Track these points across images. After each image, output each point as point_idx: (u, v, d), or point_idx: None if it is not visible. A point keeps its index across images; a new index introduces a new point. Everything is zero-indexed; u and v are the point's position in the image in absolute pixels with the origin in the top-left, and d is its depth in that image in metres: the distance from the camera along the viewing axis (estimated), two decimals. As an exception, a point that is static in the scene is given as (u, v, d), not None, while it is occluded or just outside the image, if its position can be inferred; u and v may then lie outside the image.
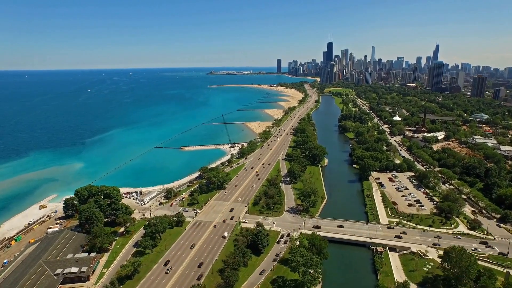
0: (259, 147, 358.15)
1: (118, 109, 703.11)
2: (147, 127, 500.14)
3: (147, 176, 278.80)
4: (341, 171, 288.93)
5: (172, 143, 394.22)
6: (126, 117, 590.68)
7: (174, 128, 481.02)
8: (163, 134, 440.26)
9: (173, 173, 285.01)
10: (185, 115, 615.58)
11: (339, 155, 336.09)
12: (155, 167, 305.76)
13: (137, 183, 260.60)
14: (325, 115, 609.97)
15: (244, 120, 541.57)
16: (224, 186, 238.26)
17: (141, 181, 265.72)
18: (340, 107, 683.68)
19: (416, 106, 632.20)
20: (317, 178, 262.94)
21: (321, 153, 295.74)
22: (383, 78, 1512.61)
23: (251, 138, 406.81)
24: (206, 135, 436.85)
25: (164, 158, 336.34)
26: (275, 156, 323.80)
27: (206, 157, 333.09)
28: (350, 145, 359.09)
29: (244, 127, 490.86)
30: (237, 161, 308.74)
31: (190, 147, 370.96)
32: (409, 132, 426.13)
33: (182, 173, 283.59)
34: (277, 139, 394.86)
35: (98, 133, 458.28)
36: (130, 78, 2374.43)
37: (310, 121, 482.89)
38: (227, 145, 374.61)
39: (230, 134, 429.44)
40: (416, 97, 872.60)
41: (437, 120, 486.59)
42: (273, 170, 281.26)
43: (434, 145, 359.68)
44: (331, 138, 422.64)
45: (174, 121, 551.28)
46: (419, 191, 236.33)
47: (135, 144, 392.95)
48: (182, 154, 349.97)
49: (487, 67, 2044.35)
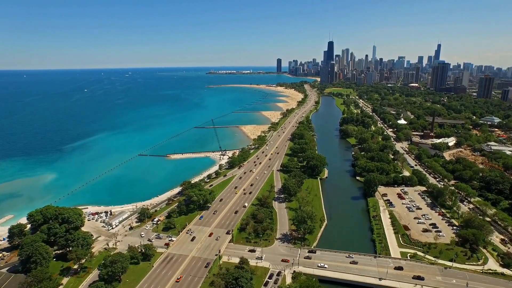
0: (252, 155, 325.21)
1: (108, 111, 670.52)
2: (135, 131, 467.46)
3: (124, 191, 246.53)
4: (343, 185, 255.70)
5: (158, 150, 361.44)
6: (115, 120, 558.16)
7: (163, 133, 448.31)
8: (150, 139, 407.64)
9: (153, 187, 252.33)
10: (177, 117, 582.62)
11: (341, 165, 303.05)
12: (135, 179, 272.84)
13: (110, 200, 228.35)
14: (325, 118, 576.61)
15: (239, 123, 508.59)
16: (207, 205, 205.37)
17: (115, 198, 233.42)
18: (341, 108, 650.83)
19: (421, 108, 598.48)
20: (315, 194, 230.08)
21: (320, 164, 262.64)
22: (385, 78, 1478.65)
23: (244, 144, 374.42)
24: (197, 141, 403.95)
25: (146, 168, 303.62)
26: (269, 166, 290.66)
27: (193, 167, 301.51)
28: (352, 153, 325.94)
29: (238, 131, 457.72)
30: (226, 172, 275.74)
31: (177, 155, 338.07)
32: (416, 137, 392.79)
33: (163, 187, 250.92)
34: (273, 145, 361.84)
35: (81, 138, 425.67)
36: (127, 78, 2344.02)
37: (309, 125, 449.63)
38: (218, 152, 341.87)
39: (222, 139, 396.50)
40: (420, 98, 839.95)
41: (445, 124, 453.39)
42: (266, 184, 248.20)
43: (445, 152, 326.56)
44: (331, 144, 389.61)
45: (165, 124, 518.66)
46: (433, 211, 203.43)
47: (119, 151, 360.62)
48: (167, 164, 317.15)
49: (489, 66, 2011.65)
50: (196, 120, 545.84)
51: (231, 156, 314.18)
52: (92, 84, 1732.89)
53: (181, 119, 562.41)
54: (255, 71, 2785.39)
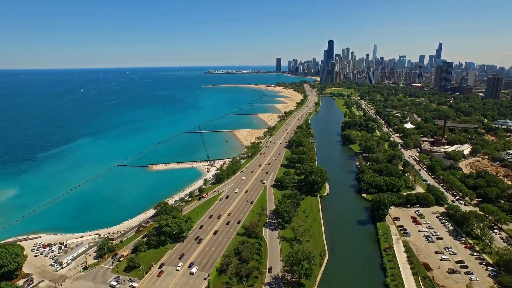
0: (244, 165, 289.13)
1: (96, 113, 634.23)
2: (120, 136, 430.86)
3: (90, 213, 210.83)
4: (346, 204, 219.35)
5: (141, 159, 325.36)
6: (101, 124, 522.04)
7: (150, 138, 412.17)
8: (135, 146, 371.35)
9: (126, 207, 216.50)
10: (168, 121, 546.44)
11: (344, 178, 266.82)
12: (106, 197, 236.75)
13: (71, 226, 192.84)
14: (326, 121, 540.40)
15: (233, 127, 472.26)
16: (182, 235, 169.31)
17: (78, 222, 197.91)
18: (342, 110, 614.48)
19: (428, 110, 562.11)
20: (314, 217, 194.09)
21: (320, 179, 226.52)
22: (387, 78, 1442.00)
23: (236, 152, 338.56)
24: (185, 148, 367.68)
25: (122, 182, 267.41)
26: (261, 180, 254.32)
27: (175, 180, 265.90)
28: (356, 164, 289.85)
29: (231, 137, 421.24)
30: (211, 188, 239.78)
31: (160, 166, 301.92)
32: (426, 144, 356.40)
33: (137, 207, 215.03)
34: (268, 154, 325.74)
35: (60, 144, 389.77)
36: (124, 78, 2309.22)
37: (308, 129, 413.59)
38: (205, 162, 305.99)
39: (212, 147, 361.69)
40: (424, 98, 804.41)
41: (456, 128, 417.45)
42: (257, 204, 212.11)
43: (460, 162, 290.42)
44: (332, 152, 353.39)
45: (154, 128, 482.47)
46: (458, 242, 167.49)
47: (97, 160, 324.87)
48: (147, 176, 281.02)
49: (491, 66, 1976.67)
50: (188, 123, 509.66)
51: (219, 168, 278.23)
52: (88, 84, 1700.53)
53: (172, 122, 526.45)
54: (255, 71, 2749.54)
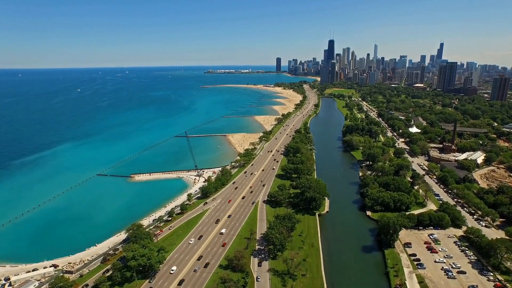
0: (235, 177, 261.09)
1: (85, 115, 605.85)
2: (106, 141, 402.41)
3: (54, 236, 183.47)
4: (349, 226, 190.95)
5: (123, 167, 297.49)
6: (88, 126, 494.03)
7: (137, 143, 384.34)
8: (119, 152, 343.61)
9: (96, 228, 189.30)
10: (160, 123, 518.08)
11: (345, 191, 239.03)
12: (77, 214, 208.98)
13: (28, 252, 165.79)
14: (326, 124, 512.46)
15: (227, 130, 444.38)
16: (153, 269, 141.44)
17: (37, 248, 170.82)
18: (343, 113, 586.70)
19: (433, 112, 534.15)
20: (312, 243, 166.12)
21: (319, 196, 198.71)
22: (388, 78, 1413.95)
23: (228, 159, 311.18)
24: (174, 154, 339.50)
25: (99, 195, 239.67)
26: (253, 195, 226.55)
27: (158, 193, 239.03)
28: (359, 174, 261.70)
29: (224, 141, 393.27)
30: (196, 204, 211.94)
31: (143, 176, 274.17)
32: (434, 150, 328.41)
33: (108, 228, 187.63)
34: (262, 162, 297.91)
35: (39, 150, 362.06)
36: (122, 78, 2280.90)
37: (307, 133, 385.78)
38: (193, 172, 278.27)
39: (203, 153, 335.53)
40: (428, 99, 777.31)
41: (465, 133, 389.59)
42: (245, 226, 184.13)
43: (474, 172, 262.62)
44: (333, 159, 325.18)
45: (143, 132, 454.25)
46: (485, 278, 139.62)
47: (75, 169, 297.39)
48: (127, 188, 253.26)
49: (493, 66, 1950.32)
50: (180, 126, 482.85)
51: (207, 179, 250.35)
52: (84, 83, 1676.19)
53: (163, 126, 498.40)
54: (254, 70, 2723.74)
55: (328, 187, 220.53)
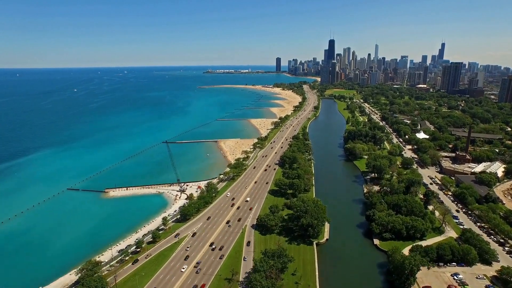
0: (222, 193, 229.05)
1: (73, 118, 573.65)
2: (87, 148, 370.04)
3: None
4: (353, 259, 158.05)
5: (98, 180, 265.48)
6: (72, 131, 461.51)
7: (120, 150, 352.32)
8: (99, 161, 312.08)
9: (49, 261, 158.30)
10: (150, 127, 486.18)
11: (348, 211, 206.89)
12: (30, 241, 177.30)
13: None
14: (326, 128, 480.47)
15: (219, 136, 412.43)
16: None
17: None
18: (344, 115, 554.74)
19: (440, 115, 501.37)
20: (308, 285, 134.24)
21: (318, 222, 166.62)
22: (390, 79, 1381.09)
23: (217, 170, 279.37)
24: (158, 164, 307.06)
25: (64, 215, 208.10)
26: (240, 218, 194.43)
27: (132, 213, 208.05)
28: (364, 191, 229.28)
29: (215, 148, 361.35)
30: (172, 230, 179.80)
31: (119, 191, 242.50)
32: (446, 160, 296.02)
33: (63, 262, 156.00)
34: (254, 174, 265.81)
35: (11, 158, 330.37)
36: (120, 78, 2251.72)
37: (305, 140, 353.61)
38: (175, 186, 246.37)
39: (188, 163, 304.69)
40: (432, 101, 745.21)
41: (478, 139, 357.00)
42: (228, 262, 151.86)
43: (495, 188, 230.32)
44: (334, 171, 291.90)
45: (129, 137, 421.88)
46: None
47: (46, 181, 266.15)
48: (98, 206, 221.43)
49: (495, 66, 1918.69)
50: (170, 131, 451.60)
51: (189, 196, 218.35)
52: (81, 83, 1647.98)
53: (153, 129, 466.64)
54: (254, 71, 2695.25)
55: (329, 207, 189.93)
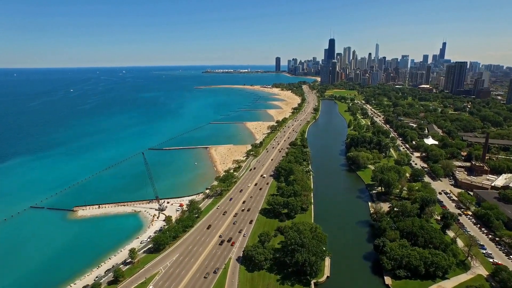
0: (206, 213, 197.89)
1: (57, 121, 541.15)
2: (64, 155, 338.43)
3: None
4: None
5: (69, 196, 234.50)
6: (53, 136, 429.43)
7: (100, 159, 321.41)
8: (73, 173, 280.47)
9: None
10: (137, 132, 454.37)
11: (353, 237, 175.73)
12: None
13: None
14: (326, 133, 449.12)
15: (211, 141, 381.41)
16: None
17: None
18: (345, 118, 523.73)
19: (448, 118, 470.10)
20: None
21: (316, 258, 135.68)
22: (391, 78, 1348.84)
23: (205, 182, 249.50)
24: (139, 175, 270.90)
25: (20, 242, 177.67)
26: (223, 248, 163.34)
27: (101, 239, 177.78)
28: (371, 211, 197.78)
29: (205, 157, 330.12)
30: (139, 266, 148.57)
31: (89, 209, 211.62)
32: (460, 171, 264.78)
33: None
34: (245, 189, 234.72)
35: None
36: (117, 78, 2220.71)
37: (303, 147, 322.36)
38: (154, 203, 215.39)
39: (174, 174, 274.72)
40: (437, 102, 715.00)
41: (492, 146, 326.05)
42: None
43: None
44: (335, 184, 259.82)
45: (114, 143, 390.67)
46: None
47: (9, 196, 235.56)
48: (62, 229, 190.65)
49: (497, 65, 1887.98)
50: (159, 135, 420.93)
51: (166, 219, 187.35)
52: (77, 83, 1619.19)
53: (140, 134, 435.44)
54: (253, 70, 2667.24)
55: (330, 233, 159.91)
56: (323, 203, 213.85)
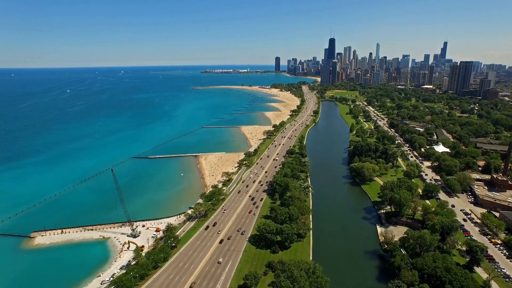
0: (184, 243, 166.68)
1: (40, 125, 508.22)
2: (35, 167, 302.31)
3: None
4: None
5: (28, 218, 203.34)
6: (30, 142, 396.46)
7: (76, 170, 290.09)
8: (40, 188, 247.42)
9: None
10: (123, 137, 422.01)
11: (361, 274, 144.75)
12: None
13: None
14: (327, 138, 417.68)
15: (201, 149, 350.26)
16: None
17: None
18: (347, 121, 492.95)
19: (456, 122, 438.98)
20: None
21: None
22: (393, 79, 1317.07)
23: (189, 201, 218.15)
24: (113, 192, 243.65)
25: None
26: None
27: (55, 276, 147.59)
28: (381, 241, 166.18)
29: (193, 167, 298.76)
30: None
31: (49, 234, 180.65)
32: (479, 186, 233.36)
33: None
34: (233, 210, 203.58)
35: None
36: (114, 78, 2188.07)
37: (302, 156, 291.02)
38: (126, 226, 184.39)
39: (155, 189, 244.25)
40: (442, 104, 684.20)
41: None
42: None
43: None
44: (337, 201, 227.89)
45: (97, 150, 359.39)
46: None
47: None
48: (11, 262, 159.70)
49: (499, 65, 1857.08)
50: (147, 141, 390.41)
51: (136, 250, 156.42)
52: (72, 84, 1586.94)
53: (127, 140, 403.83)
54: (253, 70, 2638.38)
55: (332, 271, 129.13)
56: (323, 228, 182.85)
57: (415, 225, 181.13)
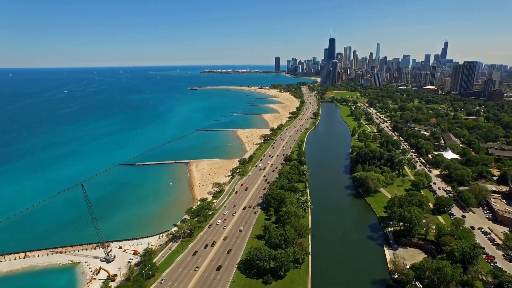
0: (165, 269, 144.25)
1: (27, 128, 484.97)
2: (13, 175, 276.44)
3: None
4: None
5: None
6: (10, 148, 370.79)
7: (56, 179, 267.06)
8: (12, 201, 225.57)
9: None
10: (112, 141, 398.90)
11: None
12: None
13: None
14: (328, 142, 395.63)
15: (193, 155, 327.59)
16: None
17: None
18: (349, 124, 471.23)
19: (463, 125, 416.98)
20: None
21: None
22: (395, 79, 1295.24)
23: (174, 215, 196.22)
24: (97, 201, 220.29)
25: None
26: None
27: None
28: (390, 269, 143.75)
29: (182, 176, 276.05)
30: None
31: (10, 259, 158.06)
32: (496, 199, 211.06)
33: None
34: (223, 228, 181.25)
35: None
36: (112, 78, 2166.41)
37: (300, 164, 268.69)
38: (99, 249, 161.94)
39: (139, 201, 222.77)
40: (445, 105, 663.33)
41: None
42: None
43: None
44: (339, 217, 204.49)
45: (79, 156, 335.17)
46: None
47: None
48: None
49: (500, 65, 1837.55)
50: (137, 146, 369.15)
51: (108, 278, 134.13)
52: (69, 84, 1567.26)
53: (116, 145, 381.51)
54: (252, 70, 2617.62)
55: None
56: (324, 250, 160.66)
57: (428, 248, 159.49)
